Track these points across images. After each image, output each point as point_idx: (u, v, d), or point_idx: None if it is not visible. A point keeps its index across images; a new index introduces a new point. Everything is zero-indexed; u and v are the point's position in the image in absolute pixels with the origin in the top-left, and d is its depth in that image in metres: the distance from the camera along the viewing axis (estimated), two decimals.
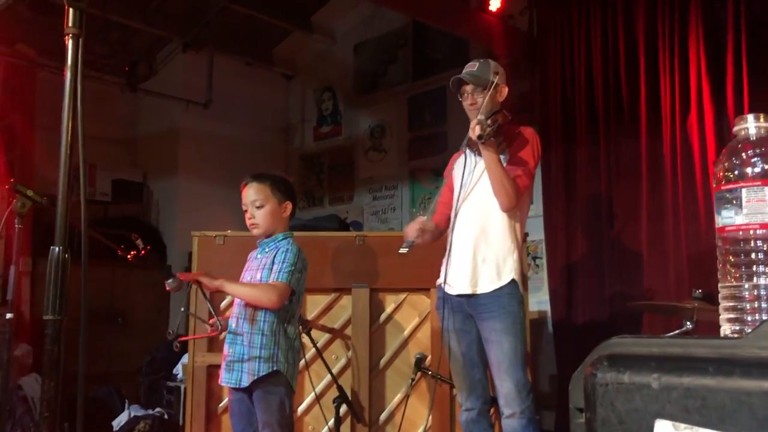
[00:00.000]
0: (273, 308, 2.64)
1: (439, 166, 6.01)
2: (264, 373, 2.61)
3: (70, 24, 1.31)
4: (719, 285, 0.94)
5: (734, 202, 0.90)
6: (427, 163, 6.17)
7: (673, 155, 4.16)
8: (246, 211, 2.77)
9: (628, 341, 0.73)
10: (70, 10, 1.28)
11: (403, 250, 2.81)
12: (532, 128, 3.03)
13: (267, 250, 2.76)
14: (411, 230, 2.85)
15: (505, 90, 3.01)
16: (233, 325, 2.72)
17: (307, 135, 7.36)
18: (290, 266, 2.64)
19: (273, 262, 2.68)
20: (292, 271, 2.64)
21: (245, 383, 2.63)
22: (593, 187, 4.58)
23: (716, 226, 0.93)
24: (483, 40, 5.29)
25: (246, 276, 2.82)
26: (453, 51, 5.96)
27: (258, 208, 2.73)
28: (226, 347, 2.75)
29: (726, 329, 0.90)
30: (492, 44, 5.19)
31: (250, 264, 2.85)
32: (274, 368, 2.62)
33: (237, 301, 2.78)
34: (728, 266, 0.92)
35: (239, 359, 2.66)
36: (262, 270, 2.71)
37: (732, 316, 0.90)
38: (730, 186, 0.91)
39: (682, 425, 0.63)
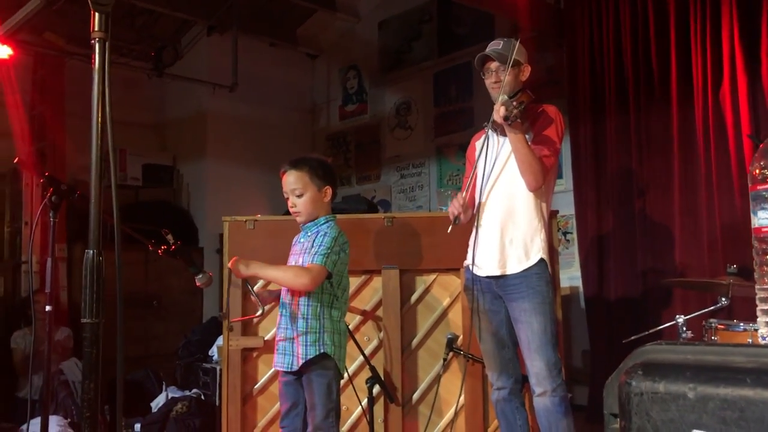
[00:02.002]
0: (306, 290, 2.65)
1: (467, 141, 5.96)
2: (312, 356, 2.64)
3: (95, 28, 1.32)
4: (756, 287, 0.92)
5: None
6: (453, 139, 6.13)
7: (706, 127, 4.07)
8: (287, 198, 2.78)
9: (662, 348, 0.72)
10: (96, 14, 1.29)
11: (450, 228, 2.84)
12: (554, 106, 2.99)
13: (309, 234, 2.77)
14: (455, 207, 2.85)
15: (528, 70, 2.98)
16: (282, 310, 2.77)
17: (332, 114, 7.35)
18: (326, 249, 2.65)
19: (312, 245, 2.70)
20: (328, 253, 2.64)
21: (295, 367, 2.67)
22: (623, 161, 4.52)
23: (752, 226, 0.91)
24: (508, 14, 5.20)
25: (291, 261, 2.84)
26: (478, 25, 5.88)
27: (298, 196, 2.74)
28: (277, 331, 2.80)
29: (764, 333, 0.88)
30: (518, 17, 5.10)
31: (294, 248, 2.86)
32: (321, 350, 2.64)
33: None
34: (765, 268, 0.89)
35: (288, 343, 2.70)
36: (304, 254, 2.73)
37: None
38: None
39: None
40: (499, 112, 2.67)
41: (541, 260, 2.84)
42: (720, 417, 0.62)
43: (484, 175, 2.95)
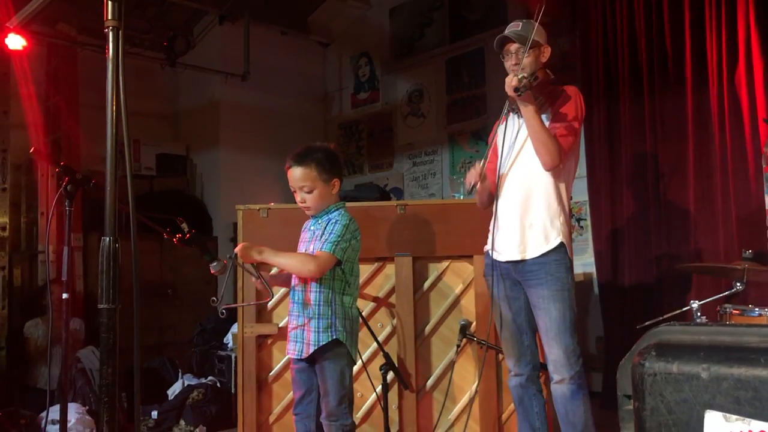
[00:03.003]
0: (313, 278, 2.66)
1: (479, 128, 5.95)
2: (324, 343, 2.65)
3: (109, 16, 1.32)
4: None
5: None
6: (466, 126, 6.12)
7: (721, 111, 4.03)
8: (295, 192, 2.77)
9: (675, 329, 0.72)
10: (109, 2, 1.29)
11: (467, 196, 2.85)
12: (575, 87, 2.97)
13: (320, 221, 2.78)
14: (471, 176, 2.84)
15: (548, 51, 2.94)
16: (293, 297, 2.78)
17: (345, 102, 7.35)
18: (337, 237, 2.65)
19: (324, 233, 2.71)
20: (338, 241, 2.65)
21: (306, 353, 2.68)
22: (638, 146, 4.49)
23: (766, 207, 0.90)
24: None
25: (301, 247, 2.84)
26: (490, 11, 5.85)
27: (308, 192, 2.73)
28: (289, 319, 2.81)
29: None
30: (530, 2, 5.06)
31: (305, 235, 2.86)
32: (334, 336, 2.65)
33: None
34: None
35: (300, 330, 2.71)
36: (315, 241, 2.74)
37: None
38: None
39: (734, 417, 0.62)
40: (510, 83, 2.65)
41: (561, 244, 2.82)
42: (734, 397, 0.62)
43: (502, 158, 2.93)
